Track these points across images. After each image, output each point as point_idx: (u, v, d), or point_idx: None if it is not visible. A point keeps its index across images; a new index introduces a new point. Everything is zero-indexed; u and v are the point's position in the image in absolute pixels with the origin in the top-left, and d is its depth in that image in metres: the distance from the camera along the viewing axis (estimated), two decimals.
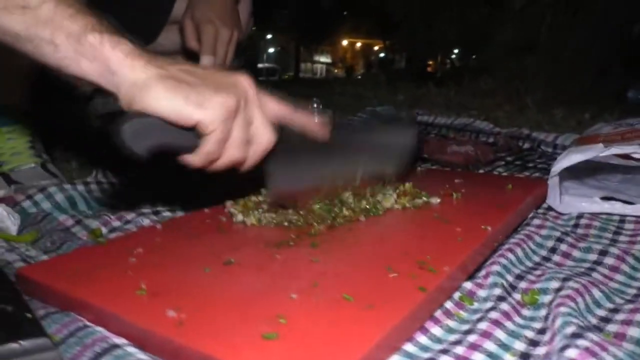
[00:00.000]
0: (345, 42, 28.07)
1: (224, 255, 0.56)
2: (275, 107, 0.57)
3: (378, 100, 1.84)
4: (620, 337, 0.44)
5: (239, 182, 0.64)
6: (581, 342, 0.38)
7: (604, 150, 0.74)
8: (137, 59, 0.48)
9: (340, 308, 0.43)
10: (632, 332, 0.44)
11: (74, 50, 0.47)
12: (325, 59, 30.61)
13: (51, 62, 0.48)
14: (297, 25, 17.06)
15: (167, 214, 0.79)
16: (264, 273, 0.51)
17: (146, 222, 0.74)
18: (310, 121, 0.62)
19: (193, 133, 0.50)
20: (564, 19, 2.01)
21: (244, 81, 0.54)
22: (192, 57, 0.96)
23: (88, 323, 0.46)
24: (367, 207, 0.66)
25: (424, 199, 0.71)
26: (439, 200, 0.71)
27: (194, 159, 0.52)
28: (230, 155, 0.53)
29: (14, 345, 0.39)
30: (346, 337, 0.39)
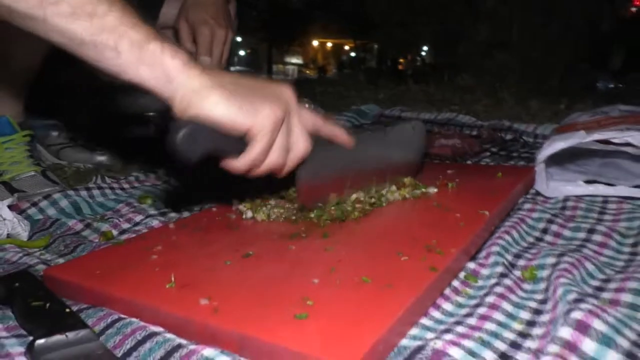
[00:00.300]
0: (315, 43, 28.14)
1: (240, 248, 0.59)
2: (310, 118, 0.61)
3: (360, 99, 1.88)
4: (615, 302, 0.48)
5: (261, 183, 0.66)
6: (584, 305, 0.42)
7: (586, 136, 0.79)
8: (193, 68, 0.51)
9: (361, 289, 0.47)
10: (625, 297, 0.49)
11: (136, 57, 0.49)
12: (296, 60, 30.63)
13: (111, 68, 0.50)
14: (267, 26, 17.03)
15: (173, 214, 0.81)
16: (283, 262, 0.54)
17: (155, 223, 0.77)
18: (338, 131, 0.66)
19: (240, 140, 0.53)
20: (535, 18, 2.09)
21: (288, 92, 0.57)
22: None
23: (123, 315, 0.48)
24: (374, 201, 0.70)
25: (423, 189, 0.75)
26: (435, 190, 0.75)
27: (238, 164, 0.55)
28: (272, 161, 0.56)
29: (60, 337, 0.42)
30: (371, 313, 0.42)
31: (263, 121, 0.52)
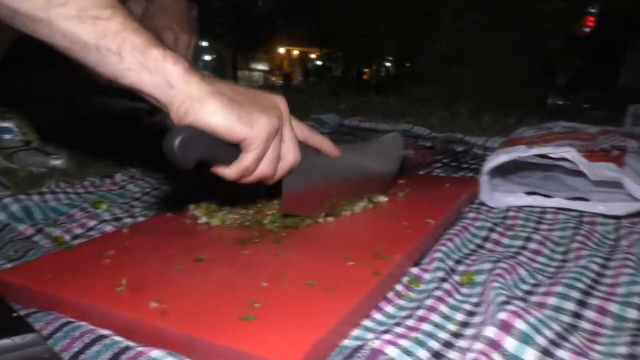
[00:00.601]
0: (282, 50, 28.20)
1: (193, 253, 0.60)
2: (300, 128, 0.63)
3: (321, 108, 1.91)
4: (541, 305, 0.52)
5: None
6: (509, 307, 0.45)
7: (526, 150, 0.84)
8: (193, 76, 0.51)
9: (307, 292, 0.49)
10: (551, 300, 0.53)
11: (138, 62, 0.49)
12: (262, 66, 30.57)
13: (113, 72, 0.50)
14: (232, 32, 16.96)
15: (127, 220, 0.81)
16: (234, 266, 0.56)
17: (108, 228, 0.77)
18: (325, 142, 0.68)
19: (234, 148, 0.54)
20: (489, 34, 2.18)
21: (282, 102, 0.58)
22: None
23: (71, 319, 0.49)
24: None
25: (374, 199, 0.77)
26: (386, 199, 0.78)
27: (230, 172, 0.55)
28: (263, 170, 0.57)
29: (7, 342, 0.42)
30: (314, 315, 0.45)
31: (259, 131, 0.53)
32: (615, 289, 0.55)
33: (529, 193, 0.88)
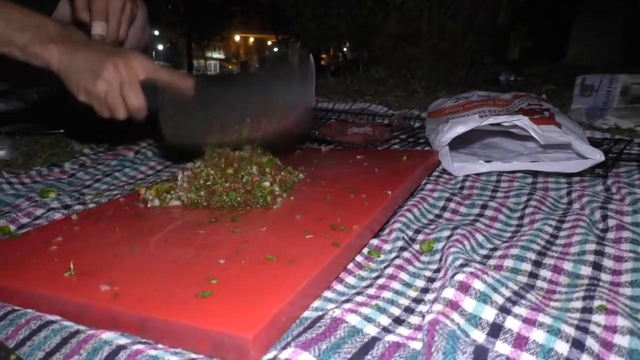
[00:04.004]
0: (237, 38, 27.76)
1: (147, 235, 0.58)
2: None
3: None
4: (498, 268, 0.53)
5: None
6: (467, 269, 0.46)
7: (481, 120, 0.85)
8: None
9: (265, 266, 0.48)
10: (508, 263, 0.53)
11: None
12: (218, 55, 30.05)
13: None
14: (185, 20, 16.57)
15: (78, 207, 0.78)
16: (190, 246, 0.54)
17: (57, 216, 0.73)
18: (177, 77, 0.76)
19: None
20: (439, 14, 2.20)
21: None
22: (83, 28, 0.94)
23: (16, 307, 0.46)
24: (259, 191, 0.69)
25: (295, 177, 0.77)
26: (302, 176, 0.78)
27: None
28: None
29: None
30: (273, 288, 0.44)
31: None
32: (568, 249, 0.56)
33: (486, 161, 0.90)
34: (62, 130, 1.38)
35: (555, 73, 2.35)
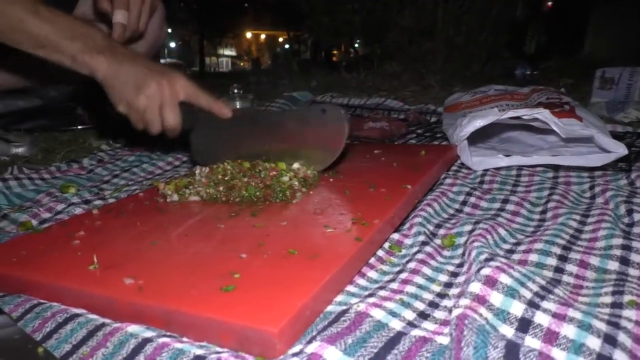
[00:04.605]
0: (249, 35, 27.80)
1: (168, 229, 0.58)
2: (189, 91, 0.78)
3: (293, 87, 1.89)
4: (522, 262, 0.52)
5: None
6: (493, 263, 0.45)
7: (500, 114, 0.84)
8: None
9: (287, 260, 0.48)
10: (532, 257, 0.53)
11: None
12: (230, 52, 30.14)
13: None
14: (197, 17, 16.64)
15: (98, 202, 0.79)
16: (211, 240, 0.54)
17: (78, 211, 0.74)
18: (214, 102, 0.80)
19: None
20: (455, 8, 2.18)
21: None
22: (105, 20, 0.95)
23: (42, 301, 0.46)
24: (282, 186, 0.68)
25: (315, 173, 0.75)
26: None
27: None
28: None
29: None
30: (296, 282, 0.43)
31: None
32: (594, 243, 0.55)
33: (505, 155, 0.89)
34: (79, 127, 1.39)
35: (572, 66, 2.31)
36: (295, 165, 0.73)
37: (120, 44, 0.79)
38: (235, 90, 1.19)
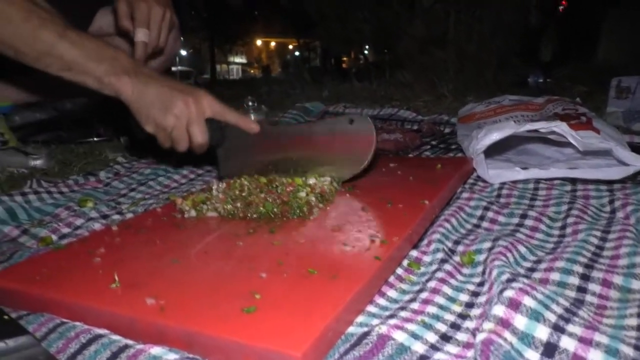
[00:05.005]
0: (259, 42, 27.97)
1: (187, 247, 0.58)
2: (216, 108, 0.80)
3: (305, 97, 1.89)
4: (544, 281, 0.52)
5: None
6: (515, 284, 0.45)
7: (517, 127, 0.84)
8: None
9: (307, 280, 0.48)
10: (554, 276, 0.52)
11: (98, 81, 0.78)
12: (240, 59, 30.33)
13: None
14: (208, 25, 16.78)
15: (116, 217, 0.79)
16: (230, 258, 0.54)
17: (97, 226, 0.75)
18: (242, 119, 0.82)
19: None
20: (467, 16, 2.18)
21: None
22: (125, 37, 0.97)
23: (65, 320, 0.47)
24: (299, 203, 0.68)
25: (333, 189, 0.75)
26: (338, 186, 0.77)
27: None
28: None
29: (0, 345, 0.40)
30: (317, 303, 0.43)
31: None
32: (617, 261, 0.54)
33: (522, 168, 0.88)
34: (95, 139, 1.40)
35: (586, 74, 2.30)
36: (312, 181, 0.73)
37: (143, 64, 0.80)
38: (250, 103, 1.20)
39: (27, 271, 0.54)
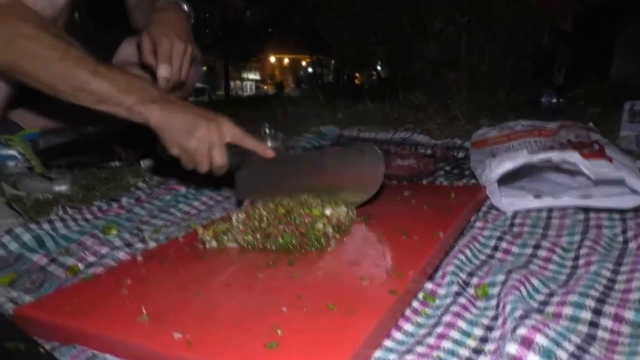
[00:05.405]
0: (273, 59, 28.28)
1: (210, 278, 0.61)
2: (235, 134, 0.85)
3: (319, 119, 1.93)
4: (557, 316, 0.53)
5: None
6: (528, 321, 0.46)
7: (530, 157, 0.85)
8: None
9: (327, 316, 0.50)
10: (566, 311, 0.53)
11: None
12: (253, 75, 30.67)
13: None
14: (222, 43, 17.02)
15: (139, 245, 0.82)
16: (252, 291, 0.57)
17: (121, 254, 0.77)
18: (259, 145, 0.88)
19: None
20: (479, 38, 2.21)
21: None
22: (149, 71, 1.02)
23: (96, 352, 0.49)
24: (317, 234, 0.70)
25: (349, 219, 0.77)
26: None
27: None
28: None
29: None
30: (337, 339, 0.45)
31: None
32: (628, 295, 0.56)
33: (535, 196, 0.89)
34: (116, 164, 1.44)
35: (599, 94, 2.30)
36: (328, 211, 0.76)
37: (168, 94, 0.85)
38: (267, 130, 1.23)
39: (58, 302, 0.57)
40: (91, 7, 1.27)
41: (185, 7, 1.07)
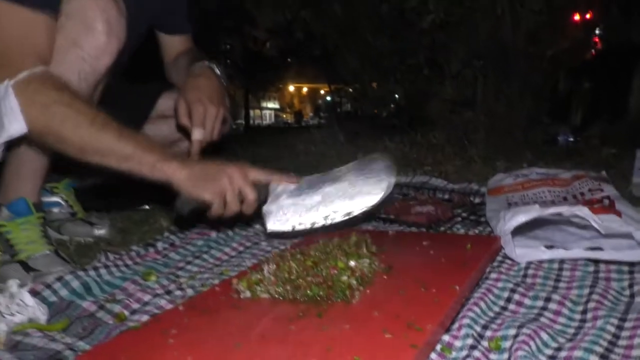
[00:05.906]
0: (291, 88, 28.77)
1: (247, 329, 0.67)
2: (257, 174, 0.98)
3: (339, 159, 2.00)
4: None
5: None
6: None
7: (543, 211, 0.91)
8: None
9: None
10: None
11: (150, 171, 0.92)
12: (273, 104, 31.19)
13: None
14: (243, 73, 17.41)
15: (178, 292, 0.89)
16: (286, 344, 0.63)
17: (163, 302, 0.84)
18: (282, 178, 1.01)
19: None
20: (495, 79, 2.29)
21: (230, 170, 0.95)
22: (184, 132, 1.12)
23: None
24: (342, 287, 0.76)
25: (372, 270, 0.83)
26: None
27: (211, 215, 0.96)
28: (231, 210, 0.96)
29: None
30: None
31: (213, 193, 0.93)
32: (630, 352, 0.61)
33: (547, 246, 0.94)
34: (147, 207, 1.53)
35: (615, 133, 2.35)
36: (352, 263, 0.82)
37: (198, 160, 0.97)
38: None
39: (114, 352, 0.64)
40: (132, 59, 1.37)
41: (218, 71, 1.16)
